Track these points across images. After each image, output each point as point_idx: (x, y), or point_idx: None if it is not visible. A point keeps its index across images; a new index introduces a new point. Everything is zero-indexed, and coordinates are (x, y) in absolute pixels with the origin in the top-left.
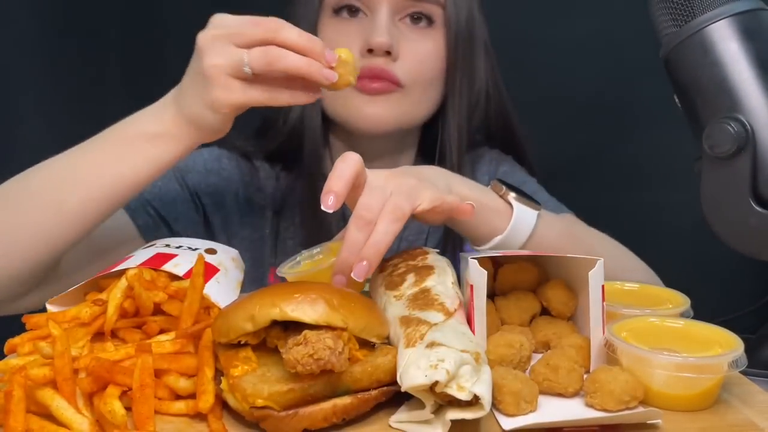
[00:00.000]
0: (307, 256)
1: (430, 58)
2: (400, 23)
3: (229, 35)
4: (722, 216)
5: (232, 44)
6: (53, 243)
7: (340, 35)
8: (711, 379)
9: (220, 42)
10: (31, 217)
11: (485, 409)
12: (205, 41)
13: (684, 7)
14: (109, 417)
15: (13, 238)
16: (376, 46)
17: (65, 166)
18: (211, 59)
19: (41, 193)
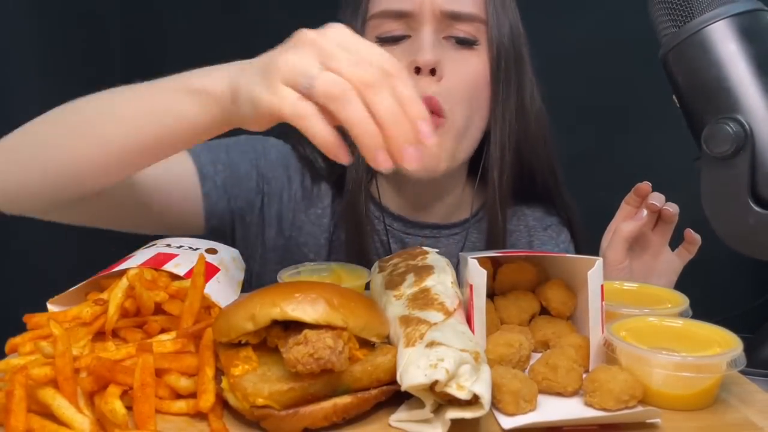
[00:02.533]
0: (310, 270)
1: (474, 76)
2: (444, 42)
3: (326, 51)
4: (721, 216)
5: (317, 57)
6: (73, 173)
7: None
8: (710, 379)
9: (311, 49)
10: (63, 140)
11: (485, 408)
12: (302, 38)
13: (683, 8)
14: (110, 416)
15: (41, 155)
16: (422, 64)
17: (109, 100)
18: (286, 55)
19: (80, 119)
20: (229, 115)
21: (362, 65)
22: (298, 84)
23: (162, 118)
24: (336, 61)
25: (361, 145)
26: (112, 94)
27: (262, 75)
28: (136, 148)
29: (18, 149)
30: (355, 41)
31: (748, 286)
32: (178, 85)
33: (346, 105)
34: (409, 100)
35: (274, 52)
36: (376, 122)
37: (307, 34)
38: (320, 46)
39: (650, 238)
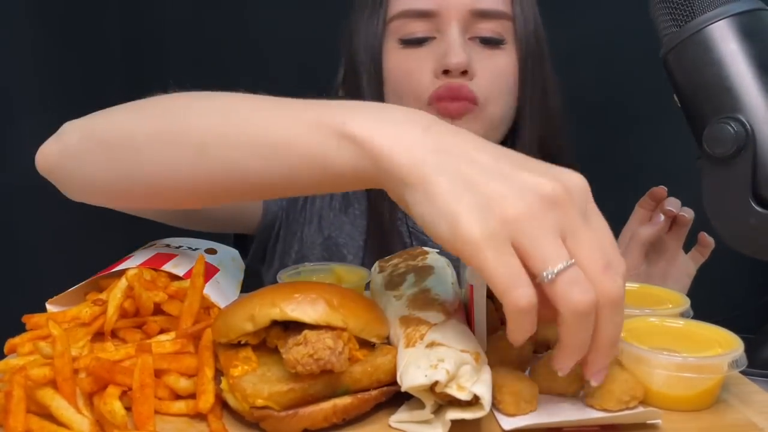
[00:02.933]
0: (310, 270)
1: (505, 74)
2: (470, 42)
3: (572, 226)
4: (722, 216)
5: (560, 229)
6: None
7: (411, 62)
8: (711, 379)
9: (558, 215)
10: (167, 155)
11: (485, 409)
12: (551, 194)
13: (684, 7)
14: (109, 417)
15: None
16: (453, 67)
17: (225, 114)
18: (528, 211)
19: (188, 132)
20: (381, 185)
21: (605, 260)
22: (535, 266)
23: (296, 160)
24: (581, 247)
25: (561, 350)
26: (227, 107)
27: (482, 202)
28: (256, 185)
29: (113, 147)
30: (597, 214)
31: (749, 287)
32: (324, 119)
33: (581, 323)
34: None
35: (503, 172)
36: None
37: (558, 191)
38: (568, 215)
39: (667, 243)
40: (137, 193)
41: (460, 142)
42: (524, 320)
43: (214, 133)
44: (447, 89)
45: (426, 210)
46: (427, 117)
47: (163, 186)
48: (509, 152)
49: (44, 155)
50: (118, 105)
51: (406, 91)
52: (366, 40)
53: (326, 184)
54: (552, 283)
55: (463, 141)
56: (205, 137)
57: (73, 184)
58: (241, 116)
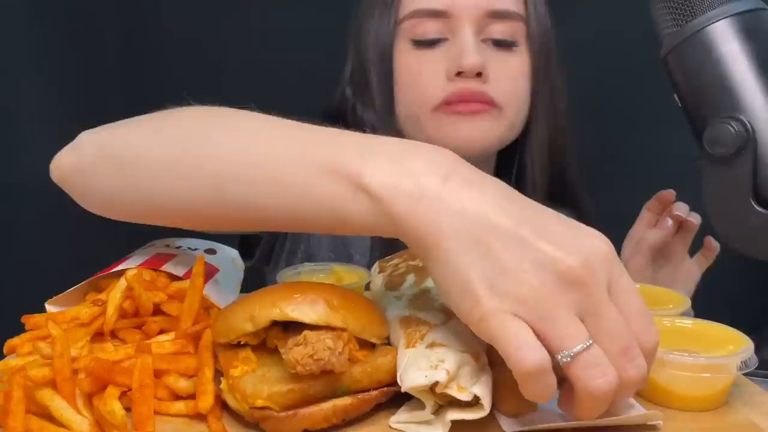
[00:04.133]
0: (309, 271)
1: (518, 76)
2: (483, 45)
3: (594, 306)
4: (723, 216)
5: (582, 308)
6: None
7: (422, 64)
8: (726, 379)
9: (579, 294)
10: (181, 184)
11: (486, 409)
12: (571, 272)
13: (685, 7)
14: (109, 417)
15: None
16: (468, 68)
17: (239, 143)
18: (542, 285)
19: (204, 162)
20: (398, 238)
21: (626, 341)
22: (551, 346)
23: (312, 206)
24: (601, 328)
25: (570, 409)
26: (246, 138)
27: (490, 277)
28: (271, 222)
29: (128, 168)
30: (624, 282)
31: (749, 287)
32: (340, 166)
33: (598, 405)
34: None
35: (520, 239)
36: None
37: (576, 269)
38: (587, 294)
39: (673, 247)
40: (151, 215)
41: (483, 199)
42: (537, 384)
43: (230, 167)
44: (459, 93)
45: (440, 273)
46: (449, 163)
47: (176, 212)
48: (532, 211)
49: (59, 166)
50: (136, 118)
51: (416, 94)
52: (376, 40)
53: (342, 229)
54: (569, 364)
55: (485, 197)
56: (221, 171)
57: (87, 198)
58: (259, 152)
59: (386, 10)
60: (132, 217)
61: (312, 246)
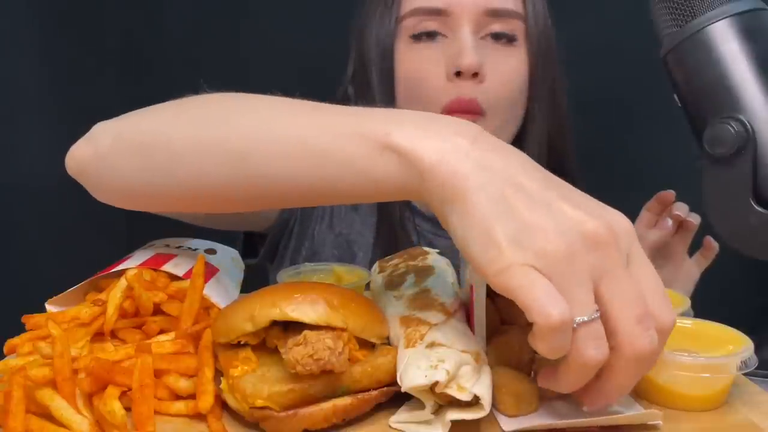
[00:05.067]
0: (310, 270)
1: (515, 76)
2: (482, 42)
3: (611, 270)
4: (722, 216)
5: (598, 272)
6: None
7: (422, 61)
8: (727, 378)
9: (600, 257)
10: (205, 163)
11: (485, 409)
12: (598, 235)
13: (685, 7)
14: (109, 417)
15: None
16: (465, 68)
17: (263, 121)
18: (565, 243)
19: (226, 140)
20: (423, 198)
21: (641, 309)
22: (561, 299)
23: (337, 169)
24: (616, 294)
25: (555, 382)
26: (267, 114)
27: (514, 231)
28: (295, 194)
29: (148, 152)
30: (642, 259)
31: (749, 287)
32: (367, 128)
33: (583, 373)
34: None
35: (528, 177)
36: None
37: (600, 231)
38: (608, 257)
39: (673, 248)
40: (172, 198)
41: (508, 162)
42: (558, 339)
43: (254, 141)
44: (456, 102)
45: (461, 226)
46: (475, 129)
47: (200, 192)
48: (557, 181)
49: (75, 157)
50: (150, 107)
51: (417, 95)
52: (377, 39)
53: (368, 194)
54: (576, 328)
55: (511, 161)
56: (245, 146)
57: (105, 187)
58: (282, 124)
59: (387, 9)
60: (152, 203)
61: (316, 243)
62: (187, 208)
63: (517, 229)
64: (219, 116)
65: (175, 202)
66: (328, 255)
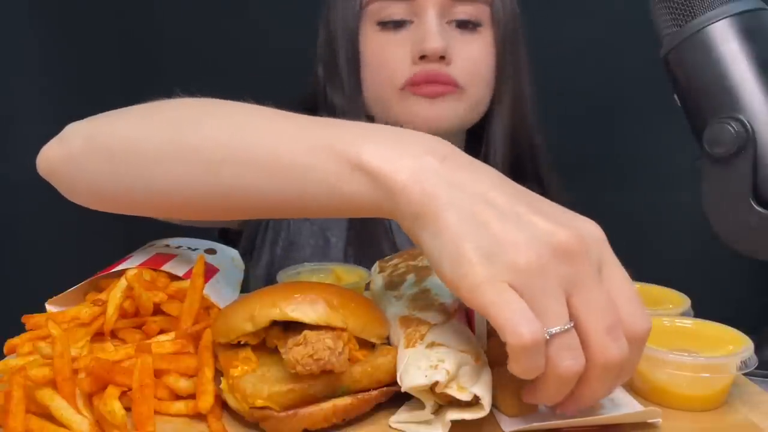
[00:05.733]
0: (309, 271)
1: (482, 59)
2: (447, 26)
3: (580, 281)
4: (722, 216)
5: (568, 284)
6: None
7: (388, 46)
8: (727, 378)
9: (569, 268)
10: (176, 172)
11: (485, 409)
12: (566, 244)
13: (685, 7)
14: (109, 417)
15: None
16: (431, 52)
17: (236, 132)
18: (535, 260)
19: (199, 149)
20: (393, 217)
21: (612, 320)
22: (533, 318)
23: (308, 185)
24: (587, 305)
25: (532, 394)
26: (239, 123)
27: (485, 247)
28: (266, 206)
29: (118, 157)
30: (614, 265)
31: (750, 287)
32: (338, 145)
33: (561, 385)
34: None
35: (520, 216)
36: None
37: (571, 242)
38: (579, 269)
39: None
40: (143, 204)
41: (478, 179)
42: (531, 359)
43: (225, 151)
44: (424, 75)
45: (432, 244)
46: (446, 147)
47: (171, 200)
48: (526, 193)
49: (46, 158)
50: (123, 109)
51: (382, 76)
52: (344, 22)
53: (340, 210)
54: (546, 343)
55: (480, 178)
56: (217, 155)
57: (75, 189)
58: (254, 135)
59: None
60: (123, 207)
61: (292, 233)
62: (159, 214)
63: (488, 245)
64: (191, 123)
65: (145, 208)
66: (304, 243)
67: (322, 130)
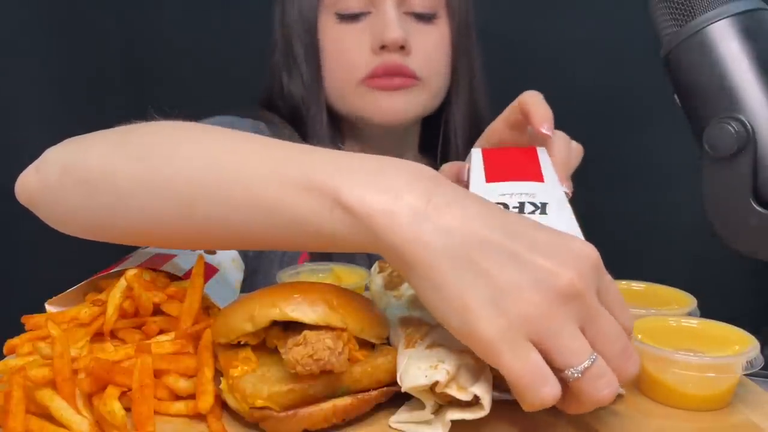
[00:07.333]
0: (309, 271)
1: (439, 49)
2: (405, 17)
3: (591, 315)
4: (723, 216)
5: (581, 321)
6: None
7: (347, 38)
8: (733, 378)
9: (578, 309)
10: (148, 205)
11: (486, 409)
12: (567, 287)
13: (684, 7)
14: (109, 418)
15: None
16: (390, 42)
17: (209, 162)
18: (546, 307)
19: (171, 180)
20: (381, 254)
21: (623, 342)
22: (559, 362)
23: (286, 224)
24: (601, 335)
25: (577, 407)
26: (214, 155)
27: (495, 296)
28: (243, 242)
29: (93, 188)
30: (609, 284)
31: (750, 287)
32: (315, 181)
33: (597, 406)
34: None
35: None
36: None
37: (574, 283)
38: (585, 305)
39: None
40: (121, 236)
41: (466, 215)
42: (543, 407)
43: (199, 187)
44: (384, 68)
45: (434, 298)
46: (430, 180)
47: (144, 232)
48: (517, 224)
49: (24, 187)
50: (98, 133)
51: (342, 68)
52: (300, 13)
53: (321, 247)
54: (578, 380)
55: (469, 213)
56: (191, 191)
57: (53, 219)
58: (227, 170)
59: None
60: (102, 237)
61: None
62: (139, 243)
63: (492, 295)
64: (164, 155)
65: (124, 238)
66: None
67: (297, 163)
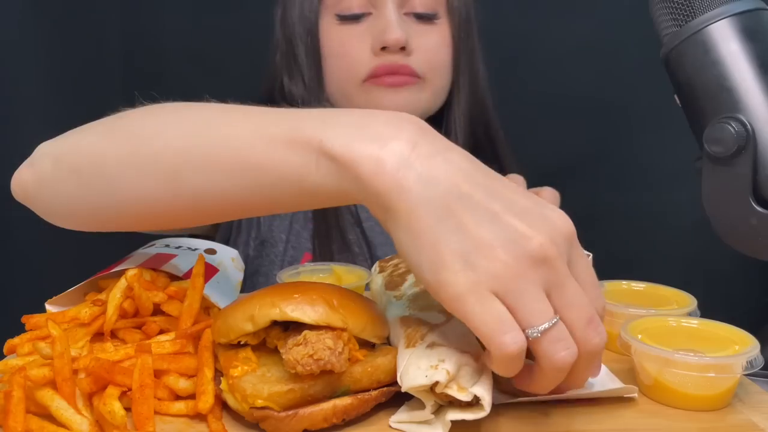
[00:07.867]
0: (309, 271)
1: (440, 49)
2: (405, 18)
3: (559, 281)
4: (722, 216)
5: (547, 284)
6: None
7: (348, 39)
8: (733, 378)
9: (546, 272)
10: (139, 181)
11: (486, 409)
12: (539, 249)
13: (684, 7)
14: (109, 417)
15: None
16: (392, 43)
17: (197, 133)
18: (514, 266)
19: (160, 154)
20: (364, 204)
21: (589, 312)
22: (520, 322)
23: (274, 181)
24: (567, 302)
25: (530, 385)
26: (198, 126)
27: (468, 250)
28: (234, 207)
29: (84, 175)
30: (581, 257)
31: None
32: (300, 135)
33: (559, 375)
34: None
35: (496, 222)
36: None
37: (546, 247)
38: (554, 270)
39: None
40: (114, 220)
41: (451, 167)
42: (512, 364)
43: (186, 157)
44: (385, 66)
45: (408, 243)
46: (415, 129)
47: (138, 212)
48: (499, 183)
49: (19, 184)
50: (90, 124)
51: (344, 68)
52: (301, 14)
53: (308, 203)
54: (537, 340)
55: (453, 165)
56: (178, 162)
57: (51, 212)
58: (214, 138)
59: None
60: (98, 225)
61: (263, 231)
62: (131, 227)
63: (467, 249)
64: (151, 133)
65: (117, 223)
66: (277, 239)
67: (281, 122)
